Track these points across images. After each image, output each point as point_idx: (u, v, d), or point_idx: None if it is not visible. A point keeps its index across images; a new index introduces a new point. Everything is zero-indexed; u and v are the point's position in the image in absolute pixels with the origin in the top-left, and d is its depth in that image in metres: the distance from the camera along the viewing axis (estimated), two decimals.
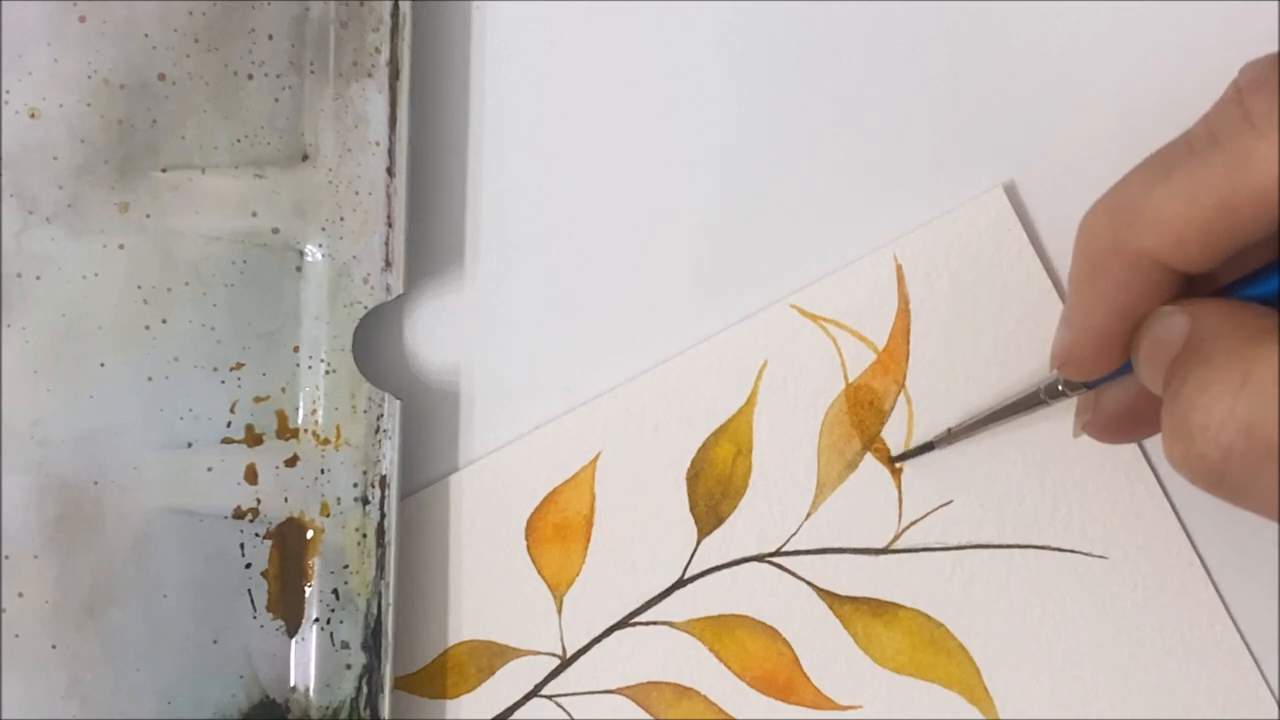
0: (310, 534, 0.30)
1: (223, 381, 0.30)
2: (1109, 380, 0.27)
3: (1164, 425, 0.23)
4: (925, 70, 0.32)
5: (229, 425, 0.30)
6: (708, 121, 0.32)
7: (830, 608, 0.31)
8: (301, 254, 0.31)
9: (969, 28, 0.32)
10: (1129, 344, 0.25)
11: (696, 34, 0.32)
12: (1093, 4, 0.32)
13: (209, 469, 0.30)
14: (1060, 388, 0.28)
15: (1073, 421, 0.30)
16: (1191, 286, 0.25)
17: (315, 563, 0.30)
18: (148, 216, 0.30)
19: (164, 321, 0.30)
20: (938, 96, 0.32)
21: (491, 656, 0.32)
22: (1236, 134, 0.23)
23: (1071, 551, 0.31)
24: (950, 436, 0.31)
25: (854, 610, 0.31)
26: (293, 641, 0.30)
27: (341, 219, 0.30)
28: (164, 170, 0.30)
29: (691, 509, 0.32)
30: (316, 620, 0.30)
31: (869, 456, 0.32)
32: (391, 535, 0.30)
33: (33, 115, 0.30)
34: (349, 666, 0.30)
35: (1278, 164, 0.22)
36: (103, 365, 0.30)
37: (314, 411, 0.30)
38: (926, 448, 0.31)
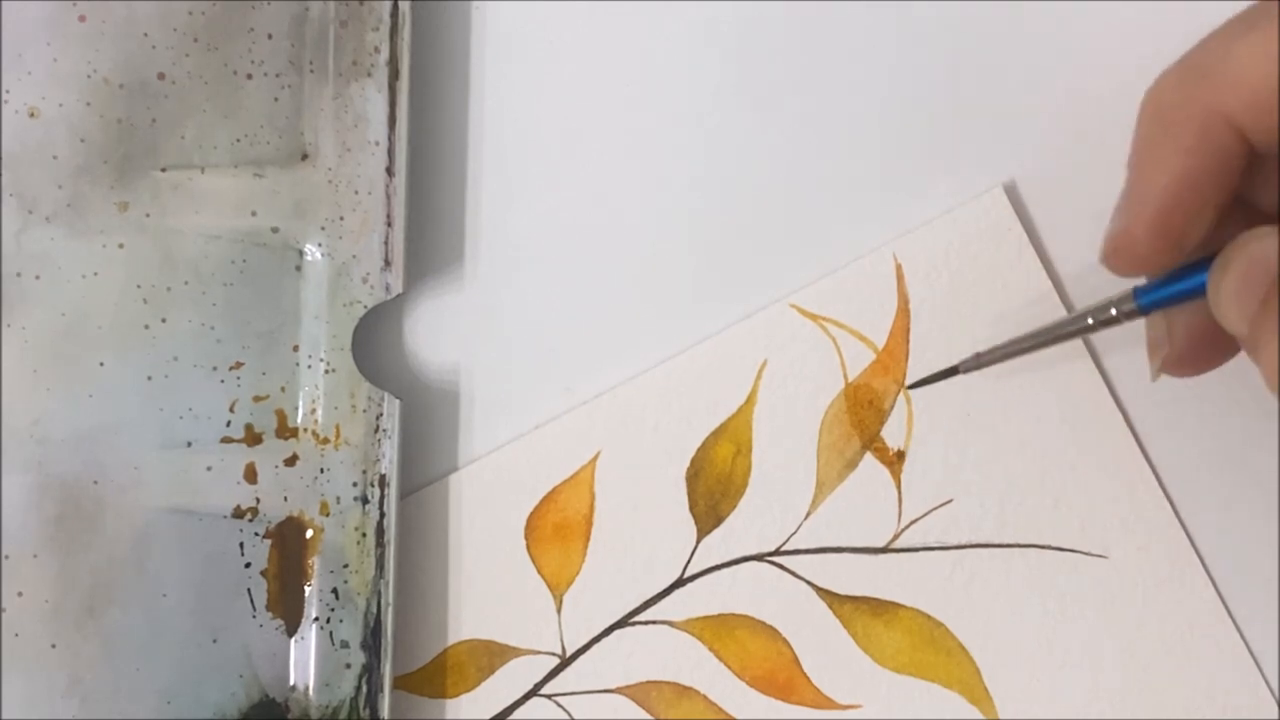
0: (310, 533, 0.30)
1: (222, 381, 0.30)
2: (1174, 302, 0.25)
3: (1264, 361, 0.21)
4: (925, 70, 0.32)
5: (228, 424, 0.30)
6: (707, 122, 0.32)
7: (830, 607, 0.31)
8: (301, 253, 0.31)
9: (969, 28, 0.32)
10: (1187, 231, 0.23)
11: (696, 34, 0.32)
12: (1093, 4, 0.32)
13: (208, 468, 0.30)
14: (1113, 312, 0.26)
15: (1148, 366, 0.28)
16: (1254, 185, 0.23)
17: (315, 562, 0.30)
18: (147, 216, 0.30)
19: (164, 321, 0.30)
20: (938, 96, 0.32)
21: (491, 656, 0.32)
22: None
23: (1071, 551, 0.31)
24: (978, 361, 0.29)
25: (854, 610, 0.31)
26: (292, 641, 0.30)
27: (341, 218, 0.30)
28: (164, 170, 0.30)
29: (691, 508, 0.32)
30: (316, 619, 0.30)
31: (869, 456, 0.31)
32: (391, 535, 0.30)
33: (33, 115, 0.30)
34: (348, 666, 0.30)
35: None
36: (102, 365, 0.30)
37: (313, 411, 0.30)
38: (950, 372, 0.30)
